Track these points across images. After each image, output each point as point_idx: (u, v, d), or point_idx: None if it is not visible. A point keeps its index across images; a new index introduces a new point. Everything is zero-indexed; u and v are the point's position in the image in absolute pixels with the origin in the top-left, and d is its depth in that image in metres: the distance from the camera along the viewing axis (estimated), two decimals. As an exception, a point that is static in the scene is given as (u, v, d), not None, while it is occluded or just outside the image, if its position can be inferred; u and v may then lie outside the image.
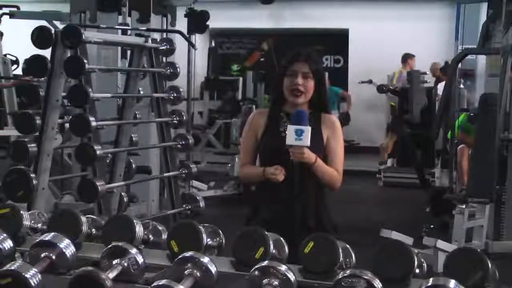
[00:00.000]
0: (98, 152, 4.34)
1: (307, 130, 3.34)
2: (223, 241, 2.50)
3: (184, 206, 5.05)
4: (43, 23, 7.60)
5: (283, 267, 1.99)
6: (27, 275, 1.90)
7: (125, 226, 2.34)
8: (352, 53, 15.62)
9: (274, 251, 2.27)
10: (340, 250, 2.16)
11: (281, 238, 2.41)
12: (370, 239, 4.11)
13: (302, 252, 2.14)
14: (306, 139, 3.32)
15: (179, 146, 5.22)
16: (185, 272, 2.02)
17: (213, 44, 14.21)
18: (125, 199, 5.23)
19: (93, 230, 2.51)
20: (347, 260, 2.30)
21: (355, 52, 15.45)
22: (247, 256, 2.18)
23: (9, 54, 10.86)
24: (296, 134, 3.32)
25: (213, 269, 2.03)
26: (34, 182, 4.27)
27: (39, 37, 4.44)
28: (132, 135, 5.32)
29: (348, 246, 2.34)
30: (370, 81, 13.56)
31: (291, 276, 1.99)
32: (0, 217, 2.31)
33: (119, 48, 7.34)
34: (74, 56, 4.39)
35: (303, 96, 3.52)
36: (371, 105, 14.68)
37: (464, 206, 6.80)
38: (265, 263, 2.04)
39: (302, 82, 3.50)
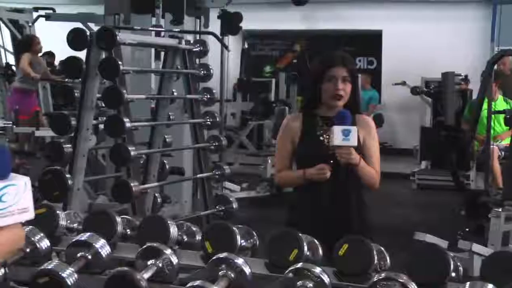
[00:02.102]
0: (132, 153, 4.37)
1: (354, 130, 3.34)
2: (257, 243, 2.50)
3: (217, 207, 5.06)
4: (78, 25, 7.69)
5: (317, 269, 1.99)
6: (64, 275, 1.92)
7: (159, 227, 2.35)
8: (386, 54, 15.51)
9: (308, 253, 2.27)
10: (375, 253, 2.14)
11: (315, 240, 2.40)
12: (403, 242, 4.07)
13: (336, 254, 2.13)
14: (354, 139, 3.32)
15: (212, 147, 5.24)
16: (219, 273, 2.02)
17: (246, 45, 14.21)
18: (159, 200, 5.26)
19: (128, 230, 2.53)
20: (382, 263, 2.29)
21: (388, 53, 15.34)
22: (281, 258, 2.18)
23: (47, 53, 11.02)
24: (343, 134, 3.31)
25: (247, 270, 2.03)
26: (70, 182, 4.32)
27: (75, 39, 4.49)
28: (166, 136, 5.35)
29: (382, 248, 2.33)
30: (404, 83, 13.46)
31: (326, 279, 1.98)
32: (37, 217, 2.33)
33: (153, 49, 7.38)
34: (109, 57, 4.42)
35: (342, 100, 3.51)
36: (405, 107, 14.56)
37: (500, 209, 6.71)
38: (299, 265, 2.03)
39: (343, 87, 3.48)
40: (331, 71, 3.48)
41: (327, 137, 3.46)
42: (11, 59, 11.45)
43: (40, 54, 10.39)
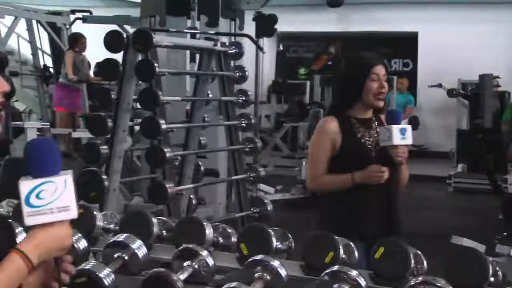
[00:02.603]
0: (167, 154, 4.39)
1: (409, 128, 3.31)
2: (292, 245, 2.49)
3: (252, 209, 5.05)
4: (114, 27, 7.76)
5: (354, 272, 1.98)
6: (101, 275, 1.93)
7: (195, 229, 2.36)
8: (422, 56, 15.41)
9: (344, 255, 2.25)
10: (412, 256, 2.12)
11: (351, 243, 2.39)
12: (439, 246, 4.02)
13: (372, 257, 2.11)
14: (410, 138, 3.28)
15: (247, 149, 5.24)
16: (255, 275, 2.02)
17: (281, 47, 14.22)
18: (194, 202, 5.28)
19: (164, 231, 2.55)
20: (419, 266, 2.26)
21: (424, 55, 15.23)
22: (317, 260, 2.17)
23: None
24: (401, 133, 3.26)
25: (283, 272, 2.03)
26: (106, 183, 4.35)
27: (112, 41, 4.53)
28: (201, 138, 5.37)
29: (419, 252, 2.31)
30: (440, 85, 13.34)
31: (362, 282, 1.97)
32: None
33: (188, 51, 7.41)
34: (145, 59, 4.45)
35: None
36: (441, 109, 14.44)
37: (538, 213, 6.60)
38: (336, 267, 2.02)
39: (386, 86, 3.46)
40: (375, 69, 3.40)
41: (369, 138, 3.42)
42: (49, 61, 11.61)
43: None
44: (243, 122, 5.23)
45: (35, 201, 1.41)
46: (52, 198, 1.42)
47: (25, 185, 1.42)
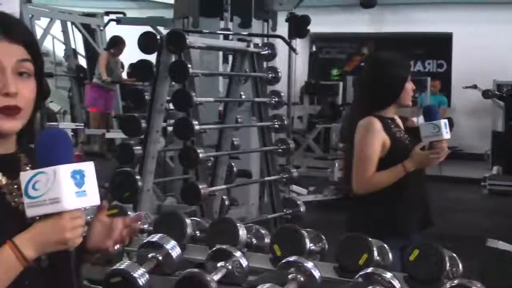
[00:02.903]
0: (201, 155, 4.40)
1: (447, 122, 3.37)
2: (326, 246, 2.49)
3: (284, 210, 5.05)
4: (148, 28, 7.81)
5: (388, 274, 1.96)
6: (136, 275, 1.94)
7: (229, 229, 2.37)
8: (456, 57, 15.25)
9: (378, 257, 2.24)
10: (447, 259, 2.10)
11: (385, 245, 2.37)
12: (474, 249, 3.98)
13: (407, 259, 2.10)
14: (449, 132, 3.37)
15: (279, 150, 5.24)
16: (289, 276, 2.02)
17: (314, 48, 14.20)
18: (226, 202, 5.28)
19: (197, 232, 2.55)
20: (454, 269, 2.24)
21: (459, 56, 15.08)
22: (351, 262, 2.16)
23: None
24: (445, 127, 3.33)
25: (317, 274, 2.03)
26: (140, 183, 4.37)
27: (145, 43, 4.55)
28: (234, 139, 5.37)
29: (454, 255, 2.29)
30: (475, 86, 13.19)
31: (397, 284, 1.95)
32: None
33: (221, 53, 7.43)
34: (178, 60, 4.47)
35: None
36: (476, 111, 14.28)
37: None
38: (370, 269, 2.01)
39: None
40: (409, 71, 3.50)
41: (405, 137, 3.45)
42: (83, 62, 11.72)
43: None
44: (276, 123, 5.23)
45: (32, 192, 1.39)
46: (45, 190, 1.39)
47: (23, 176, 1.41)
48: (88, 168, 1.43)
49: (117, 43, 10.24)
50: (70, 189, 1.39)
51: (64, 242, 1.40)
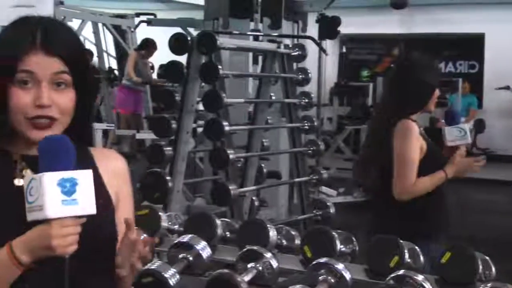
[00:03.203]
0: (231, 156, 4.41)
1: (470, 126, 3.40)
2: (357, 248, 2.47)
3: (314, 211, 5.04)
4: (178, 30, 7.83)
5: (419, 277, 1.95)
6: (167, 275, 1.95)
7: (259, 230, 2.37)
8: (488, 58, 15.11)
9: (409, 260, 2.23)
10: (480, 262, 2.08)
11: (416, 247, 2.36)
12: (505, 252, 3.93)
13: (439, 262, 2.08)
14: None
15: (309, 151, 5.23)
16: (319, 278, 2.01)
17: (344, 49, 14.15)
18: (256, 203, 5.29)
19: (227, 233, 2.56)
20: (487, 272, 2.22)
21: (491, 57, 14.93)
22: (382, 264, 2.15)
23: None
24: (469, 131, 3.36)
25: (347, 276, 2.02)
26: (170, 184, 4.40)
27: (176, 44, 4.58)
28: (263, 140, 5.38)
29: (487, 258, 2.26)
30: (507, 87, 13.06)
31: (428, 286, 1.93)
32: (139, 218, 2.38)
33: (251, 54, 7.44)
34: (209, 62, 4.49)
35: None
36: (508, 112, 14.13)
37: None
38: (401, 272, 2.00)
39: None
40: None
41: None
42: (114, 64, 11.81)
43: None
44: (306, 124, 5.23)
45: (29, 197, 1.41)
46: (36, 196, 1.40)
47: (24, 180, 1.43)
48: (84, 176, 1.42)
49: (148, 46, 10.28)
50: (54, 197, 1.38)
51: (52, 248, 1.40)
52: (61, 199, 1.39)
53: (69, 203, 1.39)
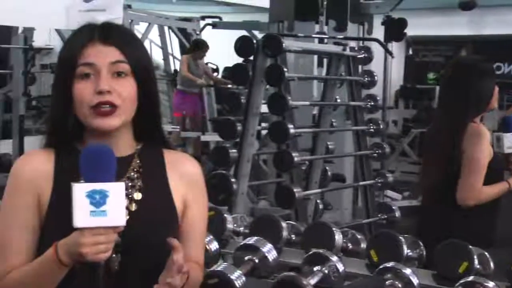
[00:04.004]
0: (295, 159, 4.40)
1: None
2: (424, 253, 2.44)
3: (379, 215, 4.98)
4: (243, 32, 7.87)
5: (490, 284, 1.91)
6: (233, 277, 1.96)
7: (324, 233, 2.35)
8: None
9: (478, 266, 2.18)
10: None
11: (486, 253, 2.31)
12: None
13: (510, 269, 2.03)
14: None
15: (375, 154, 5.18)
16: (386, 282, 1.99)
17: (410, 52, 13.99)
18: (320, 206, 5.27)
19: (293, 235, 2.55)
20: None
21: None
22: (450, 270, 2.11)
23: (210, 62, 11.39)
24: None
25: (415, 281, 1.99)
26: (235, 186, 4.41)
27: (242, 47, 4.59)
28: (328, 143, 5.35)
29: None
30: None
31: (500, 294, 1.89)
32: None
33: (315, 56, 7.42)
34: (274, 64, 4.49)
35: None
36: None
37: None
38: (471, 278, 1.96)
39: None
40: None
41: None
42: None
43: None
44: (371, 127, 5.18)
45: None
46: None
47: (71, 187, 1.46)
48: (115, 189, 1.45)
49: (201, 48, 10.27)
50: (82, 208, 1.42)
51: (82, 255, 1.44)
52: (89, 209, 1.43)
53: (97, 214, 1.43)
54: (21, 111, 7.81)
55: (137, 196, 1.63)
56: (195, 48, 10.28)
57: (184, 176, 1.71)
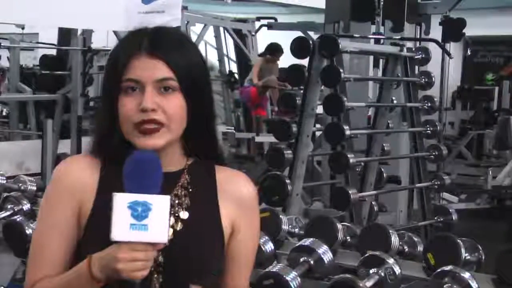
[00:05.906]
0: (351, 160, 4.37)
1: None
2: (482, 257, 2.40)
3: (435, 218, 4.92)
4: (297, 33, 7.85)
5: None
6: (288, 278, 1.96)
7: (380, 236, 2.34)
8: None
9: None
10: None
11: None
12: None
13: None
14: None
15: (431, 156, 5.12)
16: (444, 286, 1.97)
17: (469, 52, 13.77)
18: (375, 208, 5.22)
19: (348, 237, 2.54)
20: None
21: None
22: (511, 275, 2.07)
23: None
24: None
25: (474, 285, 1.96)
26: (289, 187, 4.40)
27: (298, 47, 4.59)
28: (384, 145, 5.31)
29: None
30: None
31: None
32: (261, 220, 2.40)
33: (371, 57, 7.36)
34: (331, 65, 4.47)
35: None
36: None
37: None
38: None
39: None
40: None
41: None
42: (234, 67, 11.97)
43: None
44: (428, 129, 5.12)
45: None
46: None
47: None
48: (159, 202, 1.35)
49: (274, 51, 10.27)
50: (122, 220, 1.33)
51: (117, 272, 1.36)
52: (130, 222, 1.33)
53: (138, 228, 1.33)
54: (79, 112, 7.96)
55: (183, 215, 1.52)
56: (269, 51, 10.29)
57: (236, 198, 1.58)
